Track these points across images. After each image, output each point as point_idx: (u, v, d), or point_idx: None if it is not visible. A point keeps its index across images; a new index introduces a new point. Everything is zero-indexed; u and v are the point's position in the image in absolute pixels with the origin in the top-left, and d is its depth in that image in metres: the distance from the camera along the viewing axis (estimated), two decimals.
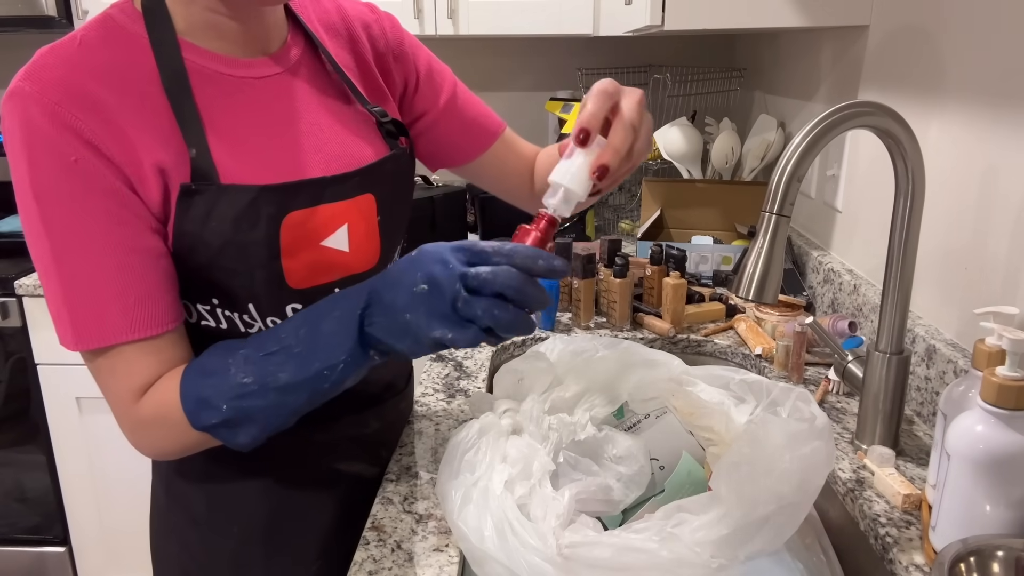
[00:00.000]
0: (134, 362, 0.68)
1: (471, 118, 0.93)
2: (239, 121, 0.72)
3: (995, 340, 0.74)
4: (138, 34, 0.69)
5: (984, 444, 0.67)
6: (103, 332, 0.66)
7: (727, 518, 0.63)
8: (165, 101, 0.68)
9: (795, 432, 0.70)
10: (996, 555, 0.65)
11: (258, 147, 0.72)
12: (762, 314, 1.32)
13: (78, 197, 0.64)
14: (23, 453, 1.95)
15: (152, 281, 0.68)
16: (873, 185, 1.28)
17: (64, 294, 0.66)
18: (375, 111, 0.82)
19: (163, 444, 0.70)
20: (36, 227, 0.65)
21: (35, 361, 1.87)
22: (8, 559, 2.00)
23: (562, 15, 1.91)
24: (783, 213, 0.78)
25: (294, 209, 0.72)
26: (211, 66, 0.72)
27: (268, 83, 0.75)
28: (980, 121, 0.96)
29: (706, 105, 2.11)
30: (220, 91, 0.72)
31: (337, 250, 0.76)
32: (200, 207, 0.68)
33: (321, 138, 0.77)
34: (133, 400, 0.69)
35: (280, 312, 0.75)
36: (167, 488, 0.85)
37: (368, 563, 0.73)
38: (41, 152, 0.63)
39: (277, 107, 0.75)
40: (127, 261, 0.66)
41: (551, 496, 0.69)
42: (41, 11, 1.88)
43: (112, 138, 0.65)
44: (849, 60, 1.39)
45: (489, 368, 1.20)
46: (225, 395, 0.66)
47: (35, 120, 0.63)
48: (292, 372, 0.65)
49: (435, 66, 0.92)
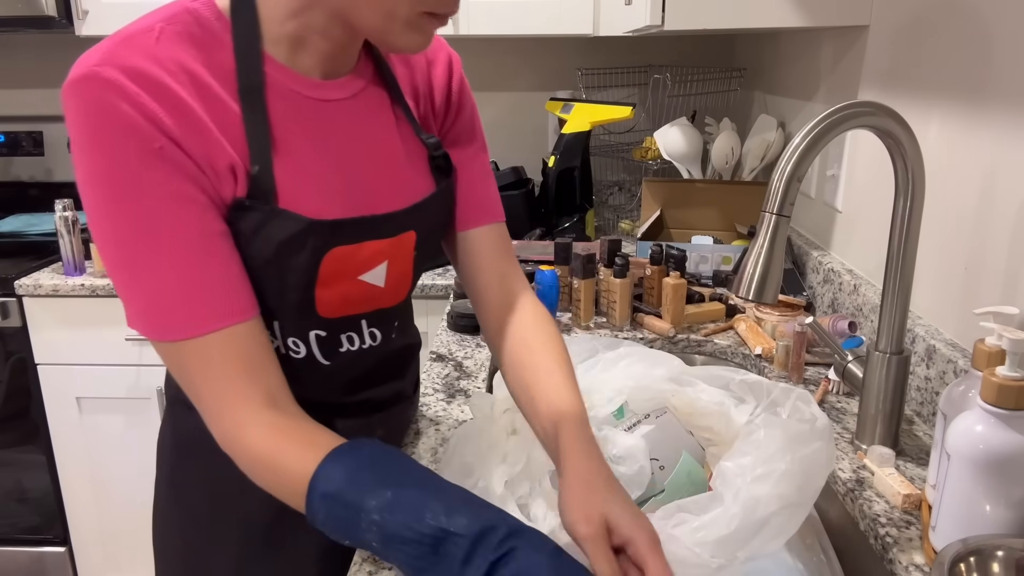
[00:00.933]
0: (229, 355, 0.65)
1: (481, 188, 0.86)
2: (304, 143, 0.70)
3: (995, 340, 0.74)
4: (220, 35, 0.67)
5: (984, 444, 0.67)
6: (193, 320, 0.64)
7: (727, 519, 0.64)
8: (238, 110, 0.66)
9: (795, 433, 0.70)
10: (996, 555, 0.65)
11: (317, 172, 0.71)
12: (762, 314, 1.32)
13: (163, 183, 0.62)
14: (23, 453, 1.94)
15: (236, 266, 0.66)
16: (873, 185, 1.28)
17: (149, 284, 0.63)
18: (430, 142, 0.80)
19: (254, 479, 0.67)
20: (114, 215, 0.62)
21: (35, 361, 1.87)
22: (8, 559, 2.00)
23: (562, 15, 1.91)
24: (783, 213, 0.78)
25: (339, 244, 0.71)
26: (288, 83, 0.70)
27: (337, 106, 0.73)
28: (980, 121, 0.96)
29: (706, 105, 2.11)
30: (292, 109, 0.70)
31: (372, 285, 0.76)
32: (249, 223, 0.67)
33: (376, 169, 0.75)
34: (229, 409, 0.65)
35: (303, 335, 0.75)
36: (171, 485, 0.86)
37: (368, 563, 0.73)
38: (123, 140, 0.61)
39: (341, 132, 0.73)
40: (213, 246, 0.65)
41: (552, 496, 0.69)
42: (41, 11, 1.87)
43: (190, 132, 0.63)
44: (849, 60, 1.39)
45: (489, 368, 1.20)
46: (346, 536, 0.62)
47: (116, 107, 0.60)
48: (413, 570, 0.59)
49: (476, 122, 0.88)
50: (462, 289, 1.46)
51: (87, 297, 1.80)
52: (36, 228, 2.14)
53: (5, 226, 2.16)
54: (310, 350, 0.76)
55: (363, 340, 0.80)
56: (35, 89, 2.33)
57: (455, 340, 1.31)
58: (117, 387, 1.87)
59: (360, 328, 0.79)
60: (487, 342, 0.87)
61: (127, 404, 1.89)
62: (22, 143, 2.25)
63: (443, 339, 1.32)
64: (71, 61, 0.63)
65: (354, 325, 0.78)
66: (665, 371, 0.90)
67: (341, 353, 0.78)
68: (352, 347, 0.79)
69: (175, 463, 0.85)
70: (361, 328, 0.79)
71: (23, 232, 2.13)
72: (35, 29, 2.02)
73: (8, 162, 2.28)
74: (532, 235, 1.87)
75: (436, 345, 1.28)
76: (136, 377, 1.86)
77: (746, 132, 1.98)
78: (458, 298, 1.45)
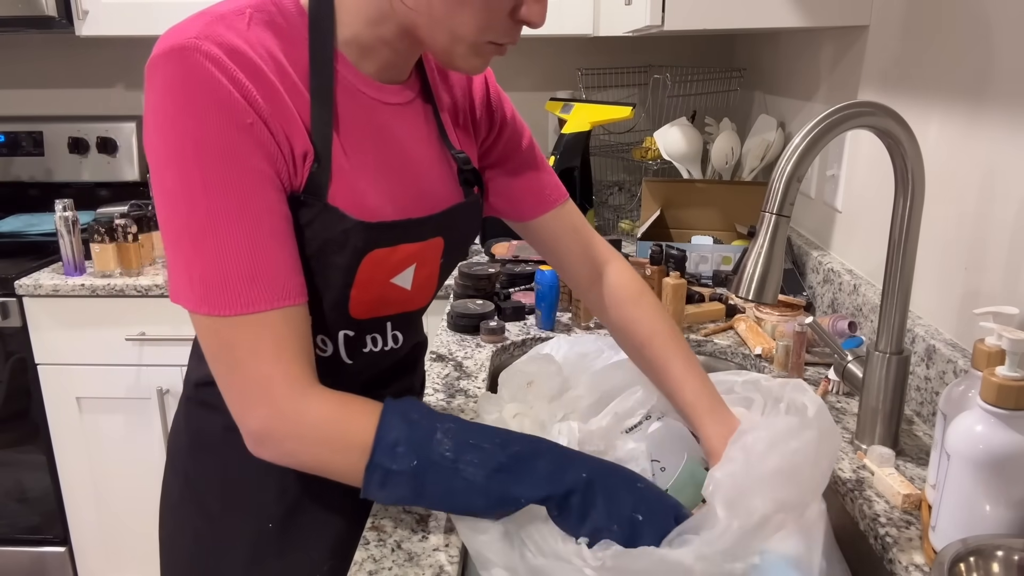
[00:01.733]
0: (282, 335, 0.65)
1: (538, 178, 0.92)
2: (363, 142, 0.73)
3: (995, 340, 0.74)
4: (299, 29, 0.70)
5: (984, 444, 0.67)
6: (255, 296, 0.64)
7: (727, 533, 0.63)
8: (309, 100, 0.69)
9: (784, 429, 0.70)
10: (996, 555, 0.65)
11: (370, 174, 0.73)
12: (762, 314, 1.32)
13: (247, 158, 0.63)
14: (23, 453, 1.94)
15: (295, 250, 0.68)
16: (873, 185, 1.28)
17: (217, 256, 0.64)
18: (459, 157, 0.84)
19: (302, 461, 0.69)
20: (192, 184, 0.63)
21: (35, 361, 1.87)
22: (8, 559, 2.00)
23: (562, 15, 1.91)
24: (783, 213, 0.78)
25: (379, 247, 0.73)
26: (355, 82, 0.73)
27: (393, 110, 0.76)
28: (980, 121, 0.96)
29: (706, 105, 2.11)
30: (356, 107, 0.73)
31: (401, 288, 0.78)
32: (300, 218, 0.69)
33: (416, 175, 0.78)
34: (282, 385, 0.66)
35: (332, 334, 0.77)
36: (183, 482, 0.86)
37: (368, 563, 0.73)
38: (218, 110, 0.62)
39: (394, 135, 0.76)
40: (280, 227, 0.66)
41: None
42: (41, 11, 1.87)
43: (277, 114, 0.65)
44: (849, 60, 1.39)
45: (489, 368, 1.20)
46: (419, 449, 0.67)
47: (214, 78, 0.61)
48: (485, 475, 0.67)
49: (518, 119, 0.93)
50: (462, 289, 1.46)
51: (87, 297, 1.80)
52: (36, 228, 2.14)
53: (5, 226, 2.16)
54: (336, 349, 0.78)
55: (386, 342, 0.82)
56: (35, 89, 2.33)
57: (455, 340, 1.31)
58: (117, 387, 1.87)
59: (385, 330, 0.81)
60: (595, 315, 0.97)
61: (127, 404, 1.89)
62: (22, 143, 2.25)
63: (443, 339, 1.32)
64: (71, 61, 0.63)
65: (380, 327, 0.80)
66: None
67: (364, 354, 0.81)
68: (375, 348, 0.81)
69: (190, 462, 0.85)
70: (386, 330, 0.81)
71: (23, 232, 2.13)
72: (35, 29, 2.01)
73: (8, 162, 2.28)
74: None
75: (436, 345, 1.28)
76: (136, 377, 1.86)
77: (746, 132, 1.98)
78: (458, 298, 1.45)
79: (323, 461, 0.68)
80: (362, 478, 0.67)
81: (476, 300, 1.40)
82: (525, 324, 1.38)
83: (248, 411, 0.66)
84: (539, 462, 0.68)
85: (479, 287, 1.44)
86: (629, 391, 0.91)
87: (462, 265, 1.48)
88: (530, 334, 1.33)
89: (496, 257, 1.74)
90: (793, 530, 0.66)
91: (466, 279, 1.46)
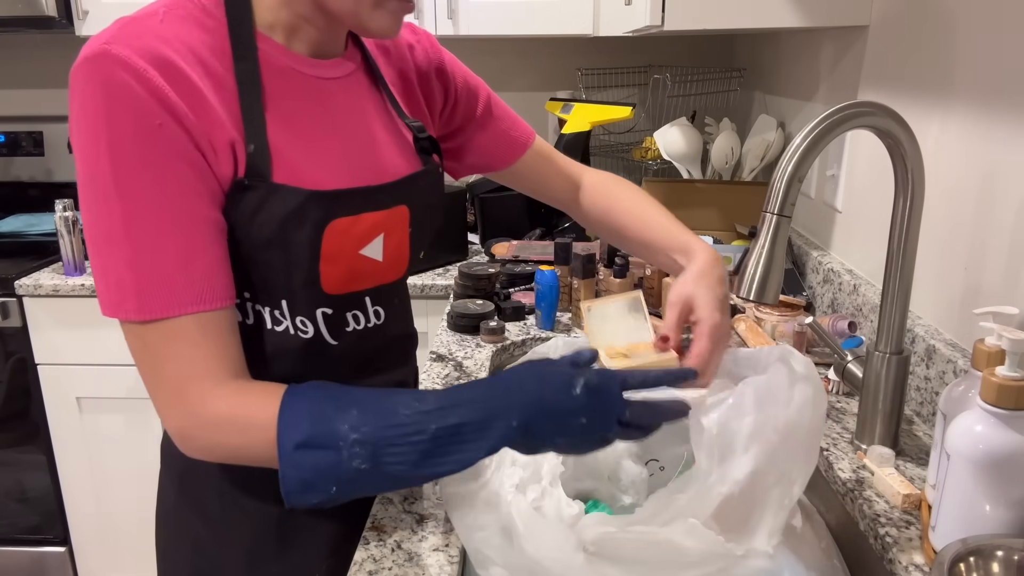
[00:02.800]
0: (195, 341, 0.66)
1: (504, 129, 0.98)
2: (301, 118, 0.74)
3: (995, 340, 0.74)
4: (217, 20, 0.70)
5: (984, 444, 0.67)
6: (170, 301, 0.65)
7: (712, 492, 0.63)
8: (235, 87, 0.69)
9: (775, 384, 0.69)
10: (996, 555, 0.65)
11: (314, 145, 0.74)
12: (762, 314, 1.32)
13: (158, 162, 0.64)
14: (23, 453, 1.94)
15: (218, 254, 0.68)
16: (873, 185, 1.28)
17: (132, 260, 0.64)
18: (414, 126, 0.85)
19: (221, 452, 0.69)
20: (107, 190, 0.64)
21: (35, 361, 1.87)
22: (8, 559, 2.00)
23: (562, 15, 1.91)
24: (784, 213, 0.78)
25: (339, 216, 0.73)
26: (284, 61, 0.73)
27: (331, 84, 0.77)
28: (980, 121, 0.96)
29: (706, 105, 2.12)
30: (289, 86, 0.73)
31: (372, 259, 0.78)
32: (250, 203, 0.69)
33: (368, 146, 0.79)
34: (193, 385, 0.66)
35: (310, 314, 0.76)
36: (179, 487, 0.85)
37: (368, 563, 0.73)
38: (126, 114, 0.62)
39: (335, 109, 0.77)
40: (198, 230, 0.66)
41: (566, 502, 0.69)
42: (41, 11, 1.87)
43: (195, 110, 0.65)
44: (849, 60, 1.39)
45: (489, 368, 1.20)
46: (334, 478, 0.64)
47: (123, 82, 0.62)
48: (411, 466, 0.64)
49: (471, 80, 0.96)
50: (462, 289, 1.46)
51: (87, 297, 1.80)
52: (36, 228, 2.14)
53: (5, 226, 2.16)
54: (318, 329, 0.78)
55: (368, 319, 0.82)
56: (35, 89, 2.33)
57: (455, 340, 1.31)
58: (117, 387, 1.87)
59: (364, 305, 0.81)
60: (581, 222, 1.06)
61: (127, 404, 1.89)
62: (22, 143, 2.25)
63: (443, 339, 1.32)
64: (71, 61, 0.64)
65: (358, 302, 0.80)
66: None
67: (347, 332, 0.80)
68: (358, 326, 0.81)
69: (185, 466, 0.84)
70: (365, 305, 0.81)
71: (23, 232, 2.13)
72: (35, 29, 2.01)
73: (8, 162, 2.28)
74: (532, 235, 1.87)
75: (436, 345, 1.28)
76: (136, 377, 1.85)
77: (746, 132, 1.99)
78: (458, 298, 1.45)
79: (235, 448, 0.67)
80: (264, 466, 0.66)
81: (476, 300, 1.40)
82: (525, 324, 1.38)
83: (165, 412, 0.68)
84: (464, 432, 0.64)
85: (479, 287, 1.44)
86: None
87: (462, 265, 1.48)
88: (530, 334, 1.33)
89: (496, 257, 1.74)
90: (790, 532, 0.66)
91: (466, 279, 1.46)
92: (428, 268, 1.82)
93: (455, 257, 1.87)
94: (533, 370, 0.68)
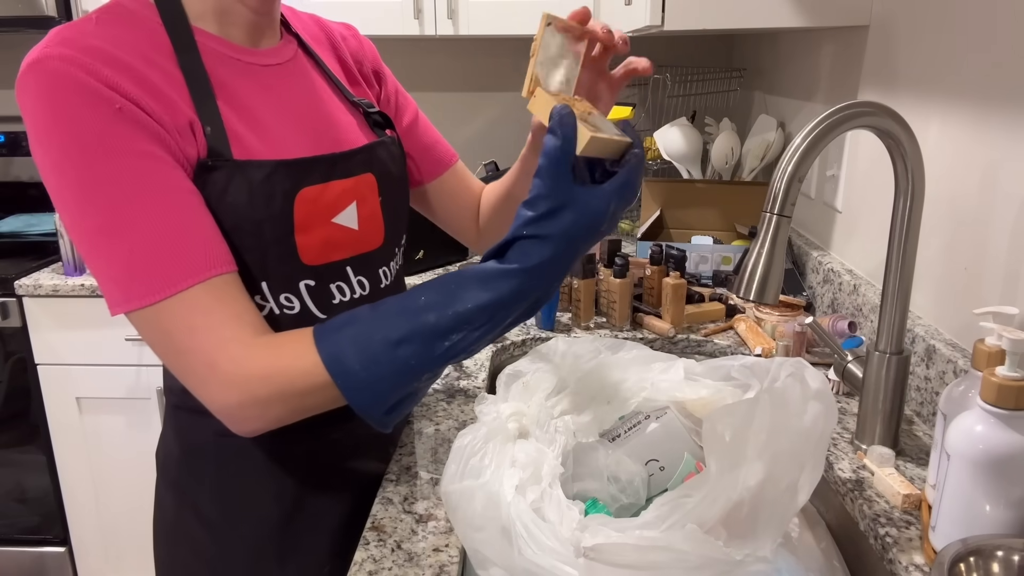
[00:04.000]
0: (213, 307, 0.65)
1: (428, 144, 0.99)
2: (251, 100, 0.74)
3: (995, 340, 0.74)
4: (150, 18, 0.71)
5: (984, 444, 0.67)
6: (174, 275, 0.64)
7: (717, 501, 0.63)
8: (182, 77, 0.69)
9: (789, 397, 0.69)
10: (996, 555, 0.65)
11: (270, 124, 0.75)
12: (762, 314, 1.32)
13: (126, 144, 0.63)
14: (23, 453, 1.95)
15: (210, 221, 0.68)
16: (873, 185, 1.28)
17: (128, 247, 0.63)
18: (362, 103, 0.87)
19: (273, 413, 0.66)
20: (83, 186, 0.63)
21: (35, 361, 1.87)
22: (8, 559, 2.00)
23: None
24: (784, 214, 0.78)
25: (308, 184, 0.73)
26: (222, 50, 0.74)
27: (274, 71, 0.78)
28: (980, 121, 0.96)
29: (706, 105, 2.11)
30: (232, 71, 0.74)
31: (347, 227, 0.78)
32: (216, 184, 0.69)
33: (325, 120, 0.80)
34: (227, 346, 0.64)
35: (293, 288, 0.75)
36: (177, 492, 0.84)
37: (368, 563, 0.73)
38: (82, 106, 0.62)
39: (284, 92, 0.78)
40: (185, 200, 0.66)
41: (566, 504, 0.69)
42: (41, 11, 1.88)
43: (148, 95, 0.65)
44: (849, 60, 1.39)
45: (489, 368, 1.20)
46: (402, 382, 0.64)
47: (72, 77, 0.62)
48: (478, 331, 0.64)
49: (401, 89, 0.98)
50: None
51: (87, 297, 1.80)
52: (36, 228, 2.14)
53: (5, 226, 2.16)
54: (304, 303, 0.77)
55: (353, 290, 0.81)
56: None
57: None
58: (117, 387, 1.87)
59: (347, 276, 0.80)
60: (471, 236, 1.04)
61: (127, 404, 1.89)
62: (22, 143, 2.25)
63: None
64: None
65: (340, 273, 0.79)
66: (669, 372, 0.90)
67: (335, 305, 0.79)
68: (344, 298, 0.80)
69: (183, 472, 0.83)
70: (348, 276, 0.80)
71: (23, 232, 2.13)
72: (35, 29, 2.01)
73: (8, 162, 2.28)
74: None
75: None
76: (136, 377, 1.86)
77: (746, 132, 1.98)
78: None
79: (287, 401, 0.65)
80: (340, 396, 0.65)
81: None
82: (525, 324, 1.38)
83: (205, 392, 0.66)
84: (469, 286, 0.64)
85: None
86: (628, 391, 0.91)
87: (462, 265, 1.48)
88: (530, 334, 1.33)
89: None
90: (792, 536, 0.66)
91: None
92: (428, 268, 1.82)
93: (455, 257, 1.87)
94: None
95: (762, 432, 0.66)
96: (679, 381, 0.89)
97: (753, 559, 0.62)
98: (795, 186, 0.78)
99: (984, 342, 0.75)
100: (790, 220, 0.79)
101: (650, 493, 0.82)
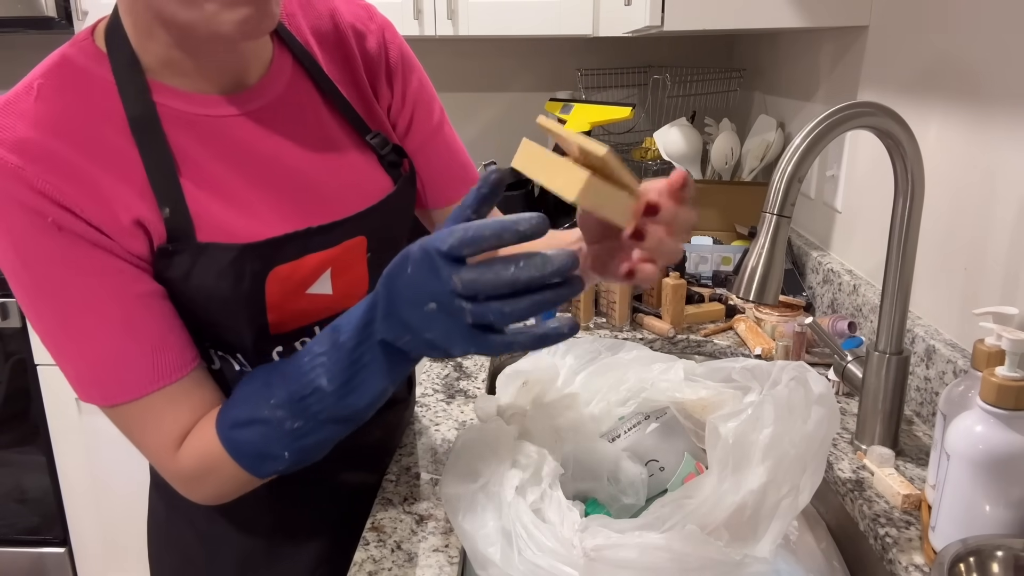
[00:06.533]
0: (164, 412, 0.65)
1: (441, 167, 0.84)
2: (218, 168, 0.67)
3: (995, 340, 0.74)
4: (102, 77, 0.64)
5: (984, 444, 0.67)
6: (128, 385, 0.64)
7: (719, 505, 0.63)
8: (137, 154, 0.63)
9: (793, 403, 0.69)
10: (996, 555, 0.65)
11: (240, 196, 0.67)
12: (762, 314, 1.32)
13: (67, 255, 0.61)
14: (23, 453, 1.95)
15: (163, 324, 0.65)
16: (873, 185, 1.28)
17: (80, 354, 0.63)
18: (374, 142, 0.76)
19: (218, 491, 0.69)
20: (32, 295, 0.63)
21: (35, 362, 1.87)
22: (8, 559, 2.00)
23: (562, 15, 1.91)
24: (784, 214, 0.78)
25: (280, 263, 0.68)
26: (184, 108, 0.66)
27: (249, 121, 0.69)
28: (979, 121, 0.96)
29: (706, 105, 2.11)
30: (196, 135, 0.66)
31: (321, 295, 0.73)
32: (180, 266, 0.65)
33: (311, 181, 0.71)
34: (170, 452, 0.66)
35: (267, 357, 0.73)
36: (168, 501, 0.84)
37: (368, 563, 0.73)
38: (16, 220, 0.59)
39: (260, 148, 0.69)
40: (132, 309, 0.63)
41: (566, 505, 0.69)
42: (41, 12, 1.87)
43: (85, 197, 0.61)
44: (849, 60, 1.39)
45: (489, 368, 1.20)
46: (282, 443, 0.64)
47: (4, 188, 0.59)
48: (335, 400, 0.62)
49: (426, 89, 0.83)
50: None
51: None
52: None
53: None
54: None
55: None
56: None
57: None
58: None
59: (314, 334, 0.75)
60: None
61: None
62: None
63: None
64: None
65: (310, 332, 0.75)
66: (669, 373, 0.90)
67: None
68: None
69: None
70: (315, 334, 0.75)
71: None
72: (35, 30, 2.01)
73: None
74: None
75: None
76: None
77: (746, 132, 1.99)
78: None
79: (221, 486, 0.68)
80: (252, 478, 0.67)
81: None
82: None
83: (163, 474, 0.69)
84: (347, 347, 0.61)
85: None
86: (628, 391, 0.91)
87: None
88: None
89: None
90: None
91: None
92: None
93: None
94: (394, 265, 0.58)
95: (766, 436, 0.67)
96: (679, 382, 0.88)
97: (752, 560, 0.62)
98: (795, 186, 0.78)
99: (984, 342, 0.75)
100: (790, 220, 0.79)
101: (650, 493, 0.82)
